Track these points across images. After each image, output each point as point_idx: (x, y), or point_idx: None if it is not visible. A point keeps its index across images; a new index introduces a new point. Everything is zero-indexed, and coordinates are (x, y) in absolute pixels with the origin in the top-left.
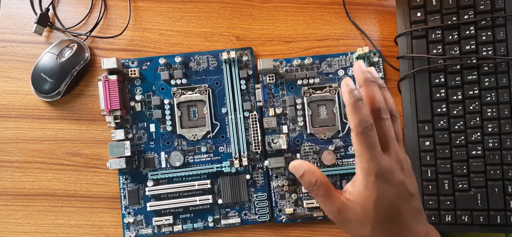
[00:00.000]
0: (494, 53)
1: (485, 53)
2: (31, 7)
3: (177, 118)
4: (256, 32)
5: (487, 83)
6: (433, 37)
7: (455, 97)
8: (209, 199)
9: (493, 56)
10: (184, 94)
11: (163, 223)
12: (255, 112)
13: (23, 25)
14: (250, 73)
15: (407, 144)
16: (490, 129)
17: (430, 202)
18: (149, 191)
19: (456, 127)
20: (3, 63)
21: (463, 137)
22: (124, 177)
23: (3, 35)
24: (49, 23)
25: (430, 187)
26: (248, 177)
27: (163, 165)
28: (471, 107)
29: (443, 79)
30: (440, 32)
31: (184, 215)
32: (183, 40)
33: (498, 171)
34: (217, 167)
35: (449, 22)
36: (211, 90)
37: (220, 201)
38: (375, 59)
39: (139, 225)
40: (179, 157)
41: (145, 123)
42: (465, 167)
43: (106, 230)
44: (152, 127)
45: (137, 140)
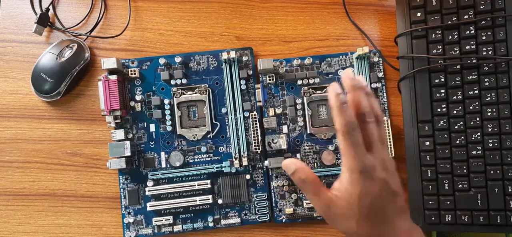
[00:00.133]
0: (494, 53)
1: (485, 53)
2: (31, 7)
3: (177, 118)
4: (256, 32)
5: (487, 83)
6: (433, 37)
7: (455, 97)
8: (209, 199)
9: (493, 56)
10: (184, 94)
11: (163, 223)
12: (255, 112)
13: (23, 25)
14: (250, 73)
15: (407, 144)
16: (490, 129)
17: (430, 202)
18: (149, 191)
19: (456, 127)
20: (3, 63)
21: (463, 137)
22: (124, 177)
23: (3, 35)
24: (49, 23)
25: (430, 187)
26: (248, 177)
27: (163, 165)
28: (471, 107)
29: (443, 79)
30: (440, 32)
31: (184, 215)
32: (183, 40)
33: (498, 171)
34: (217, 167)
35: (449, 22)
36: (211, 90)
37: (220, 201)
38: (375, 59)
39: (139, 225)
40: (179, 157)
41: (145, 123)
42: (465, 167)
43: (106, 230)
44: (152, 127)
45: (137, 140)
